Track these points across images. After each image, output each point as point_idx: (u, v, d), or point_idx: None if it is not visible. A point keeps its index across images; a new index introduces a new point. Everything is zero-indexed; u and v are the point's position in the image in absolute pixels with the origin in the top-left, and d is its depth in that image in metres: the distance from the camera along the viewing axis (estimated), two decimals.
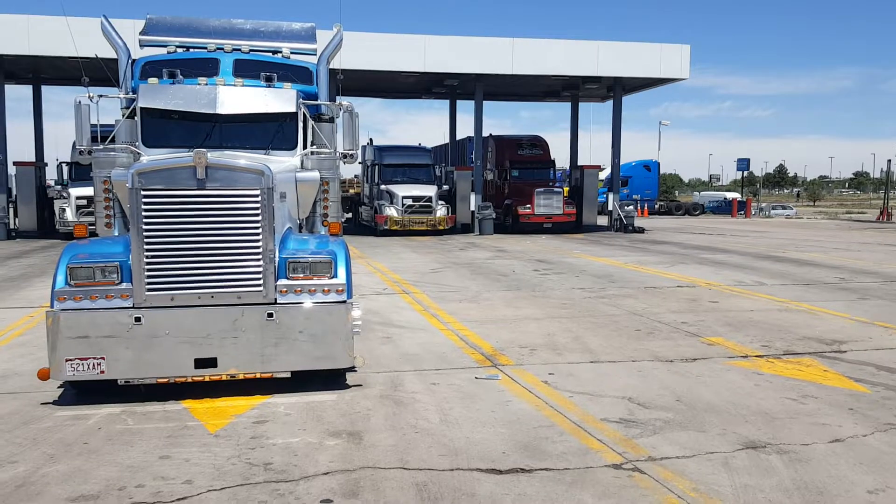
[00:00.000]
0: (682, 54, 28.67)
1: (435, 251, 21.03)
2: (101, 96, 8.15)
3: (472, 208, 28.71)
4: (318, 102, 8.99)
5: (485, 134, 30.49)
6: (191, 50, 9.33)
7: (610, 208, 31.19)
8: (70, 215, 23.11)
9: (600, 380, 7.20)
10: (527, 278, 14.93)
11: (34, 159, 29.23)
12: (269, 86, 8.50)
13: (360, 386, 6.88)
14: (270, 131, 8.19)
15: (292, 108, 8.19)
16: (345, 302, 6.49)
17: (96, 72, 9.14)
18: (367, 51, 24.35)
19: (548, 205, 28.27)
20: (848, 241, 25.40)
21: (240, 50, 9.23)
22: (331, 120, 9.07)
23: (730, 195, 58.94)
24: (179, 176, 6.20)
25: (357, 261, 17.22)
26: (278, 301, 6.37)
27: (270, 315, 6.30)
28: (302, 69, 9.30)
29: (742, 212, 48.06)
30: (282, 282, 6.41)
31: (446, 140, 38.53)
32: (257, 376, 6.39)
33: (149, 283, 6.13)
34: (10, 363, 7.77)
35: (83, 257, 6.19)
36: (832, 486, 4.69)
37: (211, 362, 6.24)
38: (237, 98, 8.10)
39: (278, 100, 8.22)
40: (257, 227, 6.30)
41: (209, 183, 6.20)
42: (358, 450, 5.27)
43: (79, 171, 23.18)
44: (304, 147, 8.42)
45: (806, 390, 6.83)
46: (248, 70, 8.83)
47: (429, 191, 27.36)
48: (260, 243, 6.31)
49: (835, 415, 6.12)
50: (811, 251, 20.96)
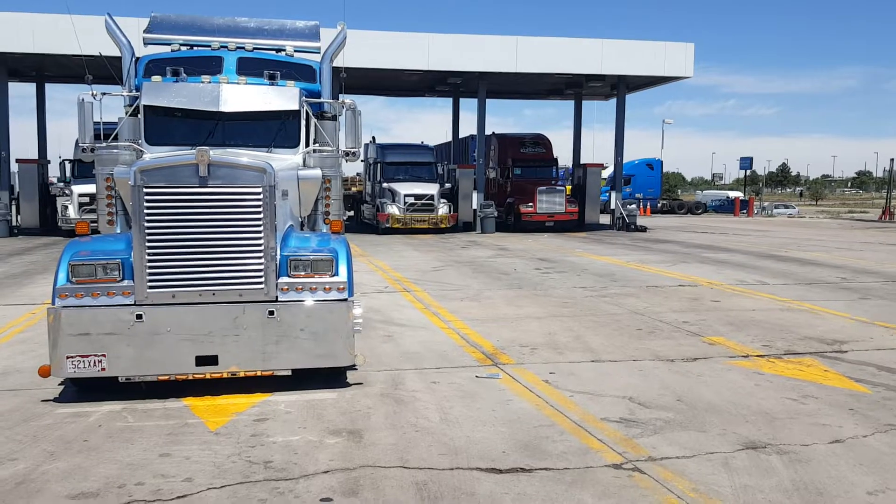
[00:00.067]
0: (685, 52, 28.61)
1: (436, 249, 21.04)
2: (104, 94, 8.18)
3: (475, 206, 28.69)
4: (321, 100, 9.00)
5: (488, 132, 30.47)
6: (194, 48, 9.34)
7: (612, 207, 31.18)
8: (72, 212, 23.14)
9: (601, 379, 7.20)
10: (528, 277, 14.93)
11: (37, 157, 29.27)
12: (273, 84, 8.52)
13: (361, 384, 6.89)
14: (273, 129, 8.20)
15: (295, 106, 8.21)
16: (346, 300, 6.49)
17: (100, 70, 9.16)
18: (370, 49, 24.31)
19: (550, 203, 28.24)
20: (850, 240, 25.37)
21: (243, 48, 9.25)
22: (333, 118, 9.09)
23: (732, 194, 58.86)
24: (182, 173, 6.20)
25: (358, 259, 17.23)
26: (279, 299, 6.37)
27: (272, 313, 6.30)
28: (305, 67, 9.31)
29: (744, 211, 48.04)
30: (283, 279, 6.42)
31: (449, 138, 38.51)
32: (258, 374, 6.40)
33: (150, 281, 6.14)
34: (10, 360, 7.79)
35: (85, 254, 6.20)
36: (832, 486, 4.69)
37: (212, 360, 6.24)
38: (240, 96, 8.12)
39: (281, 98, 8.23)
40: (259, 225, 6.30)
41: (211, 181, 6.21)
42: (358, 448, 5.28)
43: (81, 169, 23.19)
44: (307, 145, 8.43)
45: (806, 390, 6.83)
46: (252, 68, 8.84)
47: (431, 189, 27.36)
48: (261, 241, 6.31)
49: (835, 415, 6.11)
50: (813, 250, 20.93)
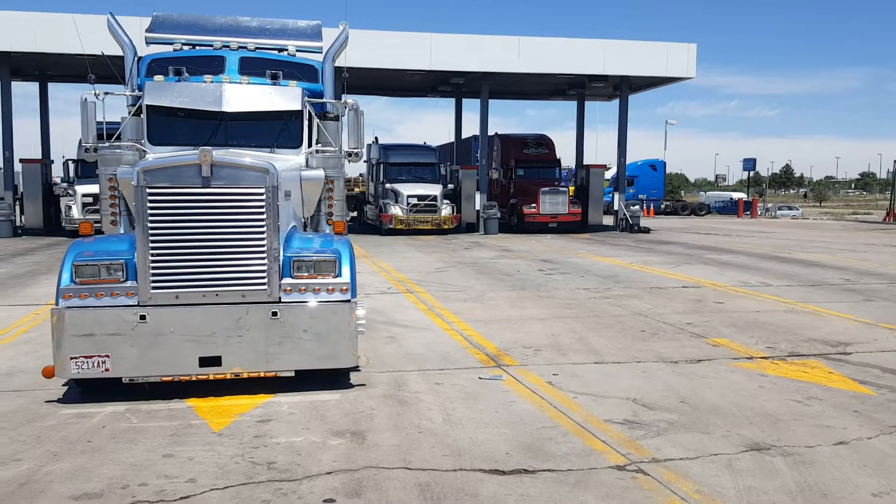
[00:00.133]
0: (688, 53, 28.59)
1: (439, 250, 21.03)
2: (107, 94, 8.17)
3: (477, 207, 28.68)
4: (324, 100, 9.00)
5: (490, 133, 30.44)
6: (197, 47, 9.34)
7: (615, 208, 31.15)
8: (76, 213, 23.16)
9: (605, 381, 7.19)
10: (531, 278, 14.92)
11: (40, 156, 29.27)
12: (275, 84, 8.51)
13: (364, 385, 6.88)
14: (276, 129, 8.20)
15: (298, 107, 8.21)
16: (349, 301, 6.48)
17: (103, 69, 9.15)
18: (372, 49, 24.32)
19: (553, 204, 28.22)
20: (854, 241, 25.32)
21: (246, 48, 9.25)
22: (336, 118, 9.08)
23: (736, 195, 58.82)
24: (184, 174, 6.20)
25: (361, 260, 17.23)
26: (282, 300, 6.36)
27: (275, 314, 6.30)
28: (307, 67, 9.31)
29: (748, 212, 47.99)
30: (286, 280, 6.41)
31: (452, 139, 38.49)
32: (261, 375, 6.39)
33: (154, 281, 6.13)
34: (14, 360, 7.79)
35: (88, 255, 6.19)
36: (836, 488, 4.67)
37: (215, 361, 6.23)
38: (243, 96, 8.12)
39: (284, 98, 8.23)
40: (262, 226, 6.29)
41: (214, 181, 6.20)
42: (361, 449, 5.27)
43: (85, 169, 23.22)
44: (310, 145, 8.43)
45: (810, 392, 6.81)
46: (254, 68, 8.84)
47: (434, 190, 27.33)
48: (264, 242, 6.30)
49: (839, 417, 6.10)
50: (817, 252, 20.90)
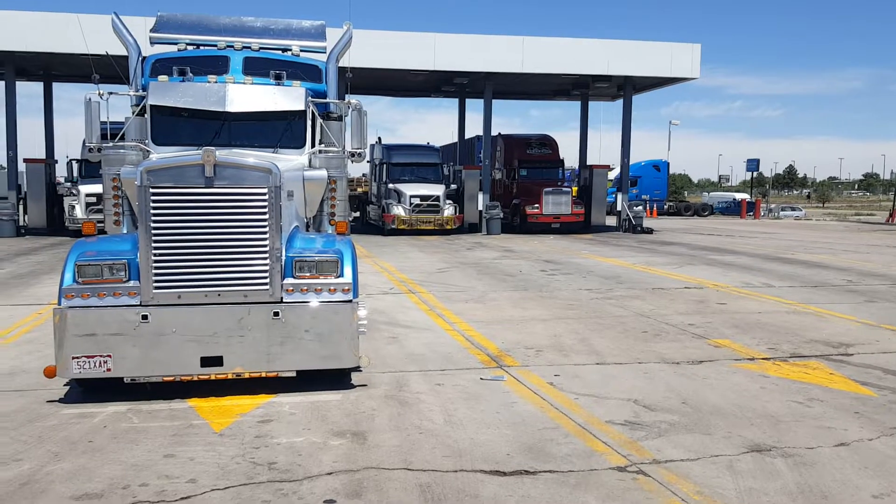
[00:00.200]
0: (692, 54, 28.57)
1: (442, 251, 21.04)
2: (111, 93, 8.19)
3: (480, 208, 28.69)
4: (327, 101, 9.01)
5: (494, 133, 30.45)
6: (201, 48, 9.36)
7: (619, 208, 31.14)
8: (80, 212, 23.18)
9: (606, 382, 7.19)
10: (534, 279, 14.92)
11: (44, 156, 29.35)
12: (279, 84, 8.53)
13: (365, 386, 6.89)
14: (279, 129, 8.21)
15: (301, 107, 8.22)
16: (351, 301, 6.48)
17: (107, 69, 9.17)
18: (376, 49, 24.34)
19: (556, 204, 28.22)
20: (857, 242, 25.28)
21: (250, 48, 9.26)
22: (339, 118, 9.09)
23: (739, 196, 58.71)
24: (188, 174, 6.21)
25: (364, 260, 17.24)
26: (284, 300, 6.36)
27: (276, 314, 6.30)
28: (311, 67, 9.31)
29: (751, 213, 47.90)
30: (288, 280, 6.42)
31: (455, 139, 38.50)
32: (263, 375, 6.39)
33: (156, 281, 6.14)
34: (17, 360, 7.81)
35: (91, 255, 6.21)
36: (837, 490, 4.67)
37: (217, 361, 6.24)
38: (246, 96, 8.14)
39: (287, 98, 8.25)
40: (264, 226, 6.29)
41: (217, 181, 6.21)
42: (362, 450, 5.27)
43: (89, 169, 23.28)
44: (313, 145, 8.43)
45: (812, 393, 6.80)
46: (258, 68, 8.86)
47: (436, 190, 27.34)
48: (267, 242, 6.31)
49: (841, 418, 6.09)
50: (820, 253, 20.86)
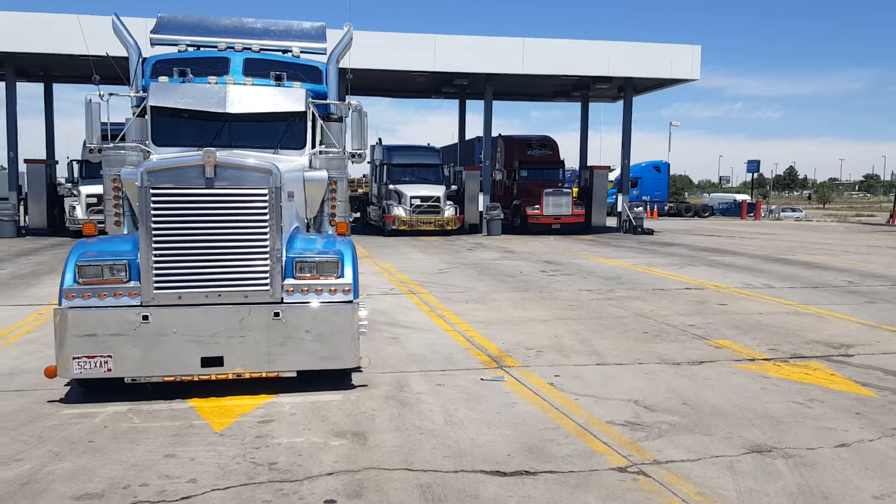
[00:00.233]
0: (692, 55, 28.58)
1: (442, 251, 21.04)
2: (111, 94, 8.20)
3: (481, 209, 28.69)
4: (328, 102, 9.01)
5: (494, 134, 30.46)
6: (201, 49, 9.36)
7: (619, 209, 31.15)
8: (80, 213, 23.20)
9: (606, 382, 7.19)
10: (534, 279, 14.92)
11: (45, 157, 29.37)
12: (279, 85, 8.53)
13: (366, 386, 6.89)
14: (279, 130, 8.22)
15: (301, 108, 8.23)
16: (351, 302, 6.49)
17: (107, 70, 9.19)
18: (376, 50, 24.35)
19: (557, 205, 28.22)
20: (857, 243, 25.27)
21: (250, 49, 9.26)
22: (340, 119, 9.09)
23: (739, 197, 58.68)
24: (188, 175, 6.21)
25: (364, 260, 17.24)
26: (285, 300, 6.37)
27: (277, 314, 6.31)
28: (312, 68, 9.32)
29: (751, 214, 47.89)
30: (288, 281, 6.42)
31: (455, 140, 38.50)
32: (263, 375, 6.40)
33: (157, 282, 6.14)
34: (17, 360, 7.82)
35: (92, 255, 6.21)
36: (837, 490, 4.67)
37: (217, 361, 6.24)
38: (247, 97, 8.14)
39: (288, 99, 8.25)
40: (265, 227, 6.30)
41: (218, 182, 6.21)
42: (362, 450, 5.28)
43: (89, 169, 23.30)
44: (313, 146, 8.44)
45: (812, 394, 6.80)
46: (258, 69, 8.86)
47: (437, 191, 27.34)
48: (267, 242, 6.31)
49: (841, 419, 6.09)
50: (820, 254, 20.86)
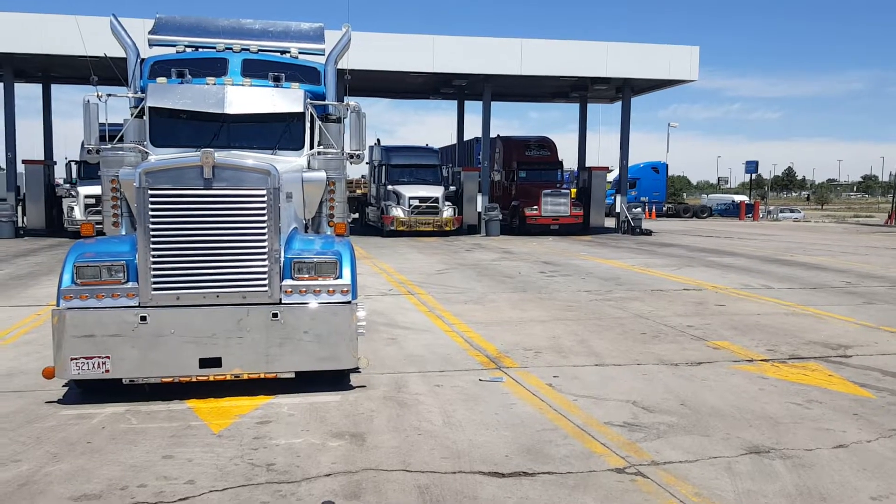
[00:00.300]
0: (691, 56, 28.60)
1: (441, 252, 21.03)
2: (109, 95, 8.19)
3: (479, 209, 28.69)
4: (326, 103, 9.01)
5: (492, 135, 30.46)
6: (200, 50, 9.36)
7: (617, 210, 31.14)
8: (78, 214, 23.16)
9: (605, 383, 7.19)
10: (533, 280, 14.92)
11: (43, 158, 29.32)
12: (277, 86, 8.53)
13: (364, 387, 6.89)
14: (278, 131, 8.21)
15: (300, 109, 8.22)
16: (349, 302, 6.48)
17: (105, 71, 9.18)
18: (375, 51, 24.35)
19: (555, 206, 28.21)
20: (856, 244, 25.29)
21: (248, 50, 9.26)
22: (338, 120, 9.09)
23: (738, 198, 58.69)
24: (186, 175, 6.21)
25: (363, 261, 17.24)
26: (283, 301, 6.37)
27: (275, 315, 6.30)
28: (310, 69, 9.32)
29: (750, 215, 47.93)
30: (287, 282, 6.42)
31: (454, 141, 38.51)
32: (261, 376, 6.39)
33: (155, 283, 6.14)
34: (15, 361, 7.81)
35: (90, 256, 6.21)
36: (835, 491, 4.67)
37: (215, 362, 6.24)
38: (245, 98, 8.14)
39: (286, 100, 8.25)
40: (263, 227, 6.30)
41: (216, 182, 6.21)
42: (360, 451, 5.27)
43: (87, 170, 23.27)
44: (311, 147, 8.44)
45: (811, 395, 6.80)
46: (257, 70, 8.86)
47: (435, 191, 27.33)
48: (266, 243, 6.31)
49: (839, 420, 6.09)
50: (819, 255, 20.87)
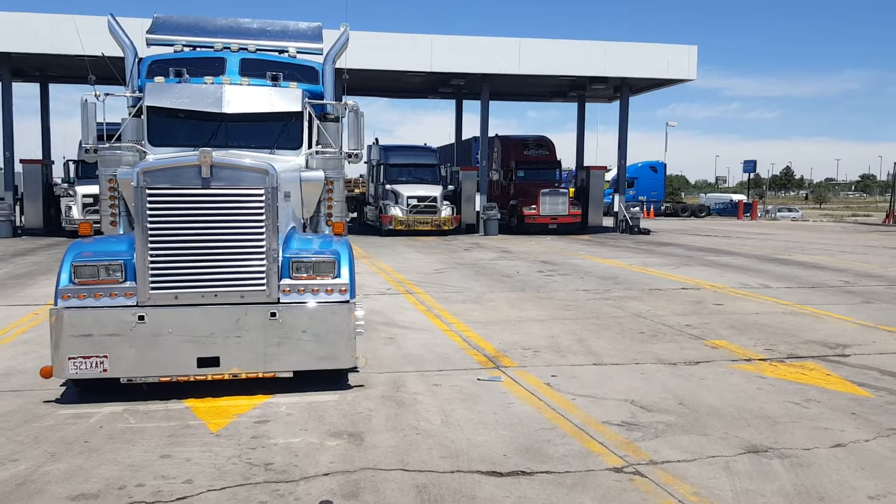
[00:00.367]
0: (689, 55, 28.62)
1: (439, 251, 21.03)
2: (107, 95, 8.17)
3: (477, 209, 28.69)
4: (324, 102, 9.01)
5: (491, 134, 30.44)
6: (197, 49, 9.35)
7: (616, 209, 31.16)
8: (76, 213, 23.17)
9: (603, 382, 7.19)
10: (531, 279, 14.92)
11: (41, 157, 29.28)
12: (275, 85, 8.52)
13: (362, 386, 6.88)
14: (276, 131, 8.21)
15: (298, 108, 8.22)
16: (348, 302, 6.48)
17: (103, 70, 9.16)
18: (373, 50, 24.34)
19: (553, 205, 28.23)
20: (854, 243, 25.32)
21: (246, 49, 9.26)
22: (336, 119, 9.08)
23: (736, 197, 58.79)
24: (184, 175, 6.20)
25: (361, 260, 17.24)
26: (281, 300, 6.36)
27: (273, 314, 6.30)
28: (308, 69, 9.31)
29: (748, 214, 47.99)
30: (285, 281, 6.41)
31: (452, 140, 38.50)
32: (259, 376, 6.39)
33: (153, 282, 6.13)
34: (13, 361, 7.80)
35: (87, 255, 6.20)
36: (833, 491, 4.68)
37: (214, 361, 6.23)
38: (243, 97, 8.13)
39: (284, 99, 8.25)
40: (261, 227, 6.29)
41: (214, 182, 6.20)
42: (359, 451, 5.27)
43: (85, 169, 23.24)
44: (310, 146, 8.43)
45: (809, 394, 6.81)
46: (255, 69, 8.85)
47: (434, 191, 27.34)
48: (264, 243, 6.30)
49: (837, 419, 6.10)
50: (816, 254, 20.90)
